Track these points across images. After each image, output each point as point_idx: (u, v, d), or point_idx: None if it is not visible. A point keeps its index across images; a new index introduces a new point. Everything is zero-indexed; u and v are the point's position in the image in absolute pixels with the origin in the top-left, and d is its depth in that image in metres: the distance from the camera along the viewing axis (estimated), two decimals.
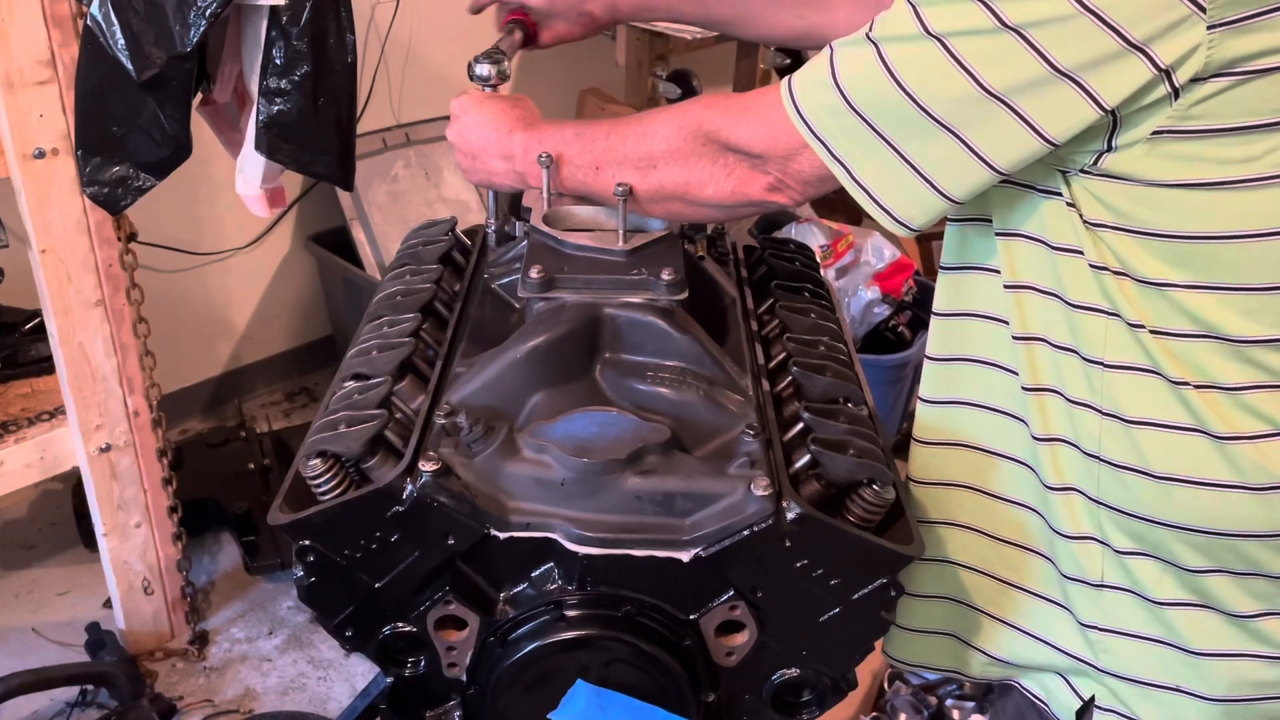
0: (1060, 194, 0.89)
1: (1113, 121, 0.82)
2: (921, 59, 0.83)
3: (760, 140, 0.93)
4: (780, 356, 1.07)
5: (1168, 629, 0.94)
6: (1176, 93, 0.79)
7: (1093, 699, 0.99)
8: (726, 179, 0.96)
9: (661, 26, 3.09)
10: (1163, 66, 0.78)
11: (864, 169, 0.88)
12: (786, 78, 0.91)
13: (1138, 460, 0.90)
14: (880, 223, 0.90)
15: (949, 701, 2.18)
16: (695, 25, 1.45)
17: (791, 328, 1.09)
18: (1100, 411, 0.90)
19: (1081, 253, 0.89)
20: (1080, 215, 0.88)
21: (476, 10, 1.41)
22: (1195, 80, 0.79)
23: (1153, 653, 0.95)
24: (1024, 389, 0.95)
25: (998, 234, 0.95)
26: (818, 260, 1.31)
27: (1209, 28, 0.76)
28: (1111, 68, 0.78)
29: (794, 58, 3.20)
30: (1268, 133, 0.80)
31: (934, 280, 1.05)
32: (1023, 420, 0.97)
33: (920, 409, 1.06)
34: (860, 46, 0.86)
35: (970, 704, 2.16)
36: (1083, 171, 0.86)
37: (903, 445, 1.10)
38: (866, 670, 2.14)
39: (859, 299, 2.69)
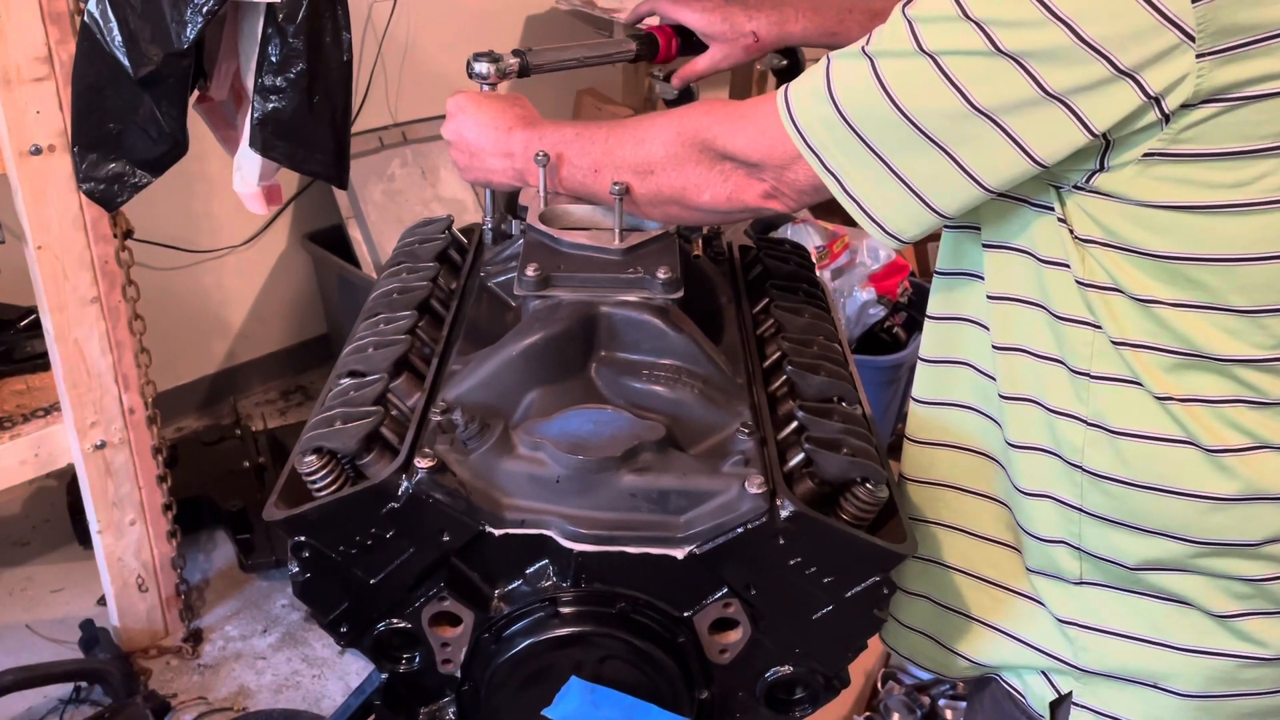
0: (1052, 209, 0.89)
1: (1105, 143, 0.83)
2: (914, 75, 0.83)
3: (756, 150, 0.93)
4: (775, 356, 1.07)
5: (1150, 626, 0.95)
6: (1167, 118, 0.80)
7: (1070, 694, 1.00)
8: (723, 185, 0.97)
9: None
10: (1152, 94, 0.78)
11: (855, 181, 0.88)
12: (783, 88, 0.92)
13: (1122, 470, 0.90)
14: (871, 234, 0.91)
15: (942, 702, 2.18)
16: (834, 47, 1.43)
17: (786, 327, 1.10)
18: (1085, 422, 0.91)
19: (1068, 267, 0.89)
20: (1071, 231, 0.88)
21: (635, 22, 1.39)
22: (1186, 106, 0.79)
23: (1133, 649, 0.96)
24: (1000, 396, 0.96)
25: (985, 245, 0.96)
26: (813, 260, 1.31)
27: (1198, 56, 0.77)
28: (1101, 93, 0.79)
29: (791, 60, 3.19)
30: (1258, 158, 0.81)
31: (929, 282, 1.05)
32: (997, 422, 0.99)
33: (912, 408, 1.07)
34: (856, 60, 0.87)
35: (963, 704, 2.17)
36: (1075, 188, 0.87)
37: (897, 445, 1.11)
38: (860, 670, 2.15)
39: (854, 300, 2.69)
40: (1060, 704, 1.01)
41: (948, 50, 0.82)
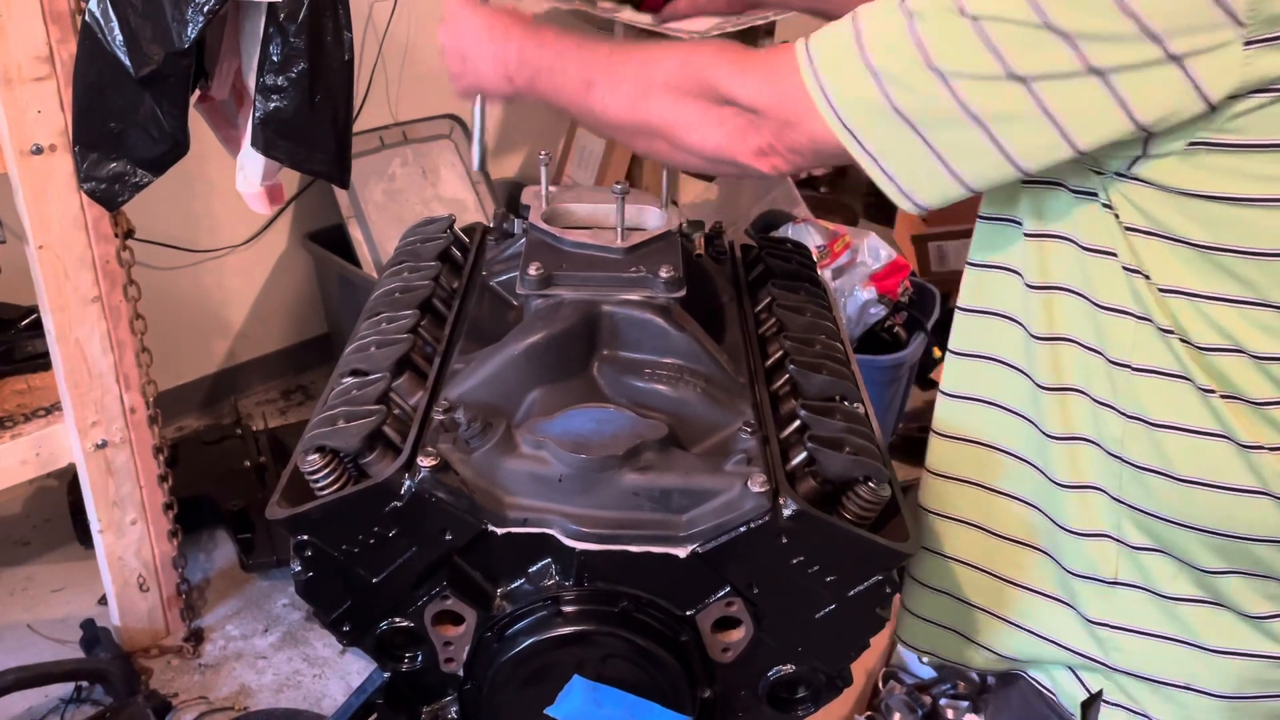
0: (1095, 195, 0.87)
1: (1147, 130, 0.80)
2: (954, 37, 0.79)
3: (764, 98, 0.89)
4: (777, 354, 1.07)
5: (1182, 627, 0.94)
6: (1213, 107, 0.78)
7: (1100, 692, 0.99)
8: (716, 129, 0.92)
9: (687, 25, 3.07)
10: (1199, 82, 0.76)
11: (880, 143, 0.85)
12: (803, 40, 0.87)
13: (1161, 462, 0.89)
14: (889, 196, 0.87)
15: (943, 701, 2.18)
16: (818, 13, 1.34)
17: (788, 326, 1.10)
18: (1123, 413, 0.90)
19: (1115, 255, 0.87)
20: (1117, 217, 0.86)
21: None
22: (1232, 97, 0.77)
23: (1165, 650, 0.95)
24: (1042, 388, 0.94)
25: (1028, 235, 0.93)
26: (814, 259, 1.31)
27: (1245, 44, 0.75)
28: (1147, 77, 0.77)
29: None
30: None
31: (930, 282, 1.05)
32: (1029, 419, 0.97)
33: (939, 401, 1.05)
34: (890, 16, 0.82)
35: (964, 704, 2.17)
36: (1117, 175, 0.85)
37: (899, 444, 1.10)
38: (861, 669, 2.14)
39: (855, 299, 2.69)
40: (1091, 703, 1.00)
41: (992, 16, 0.78)
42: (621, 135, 0.99)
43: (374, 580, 0.92)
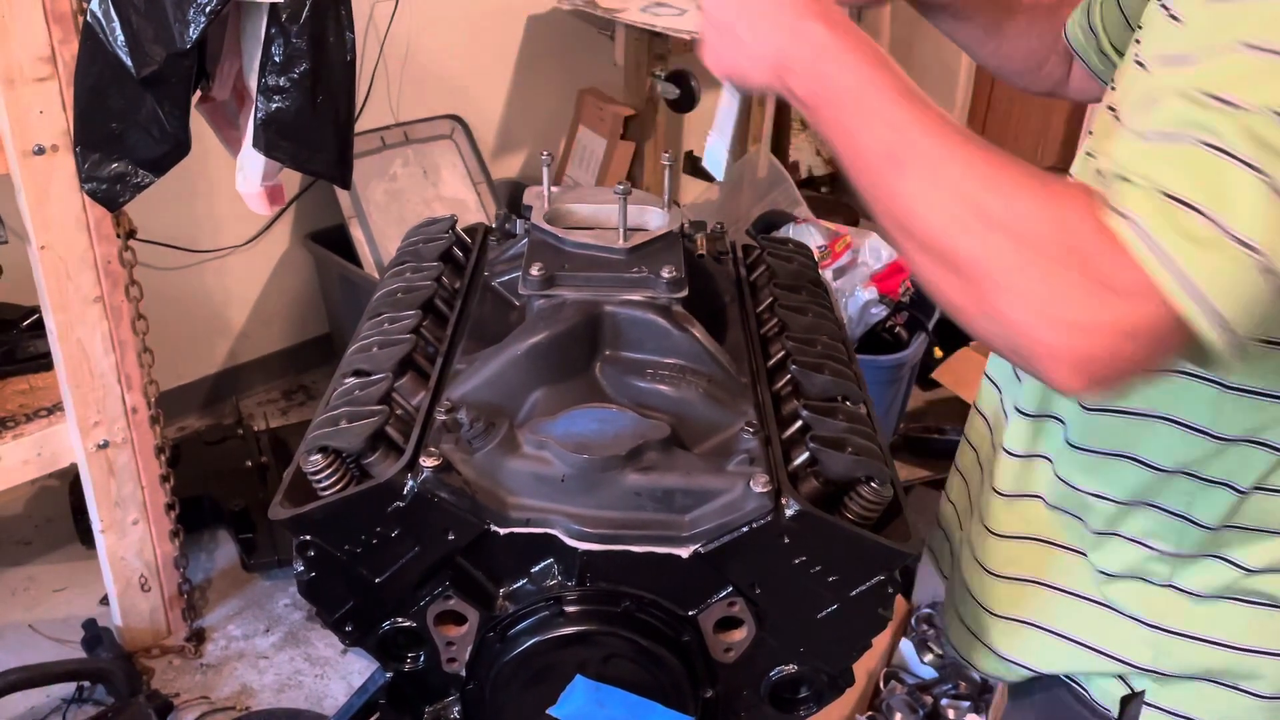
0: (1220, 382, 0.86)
1: None
2: None
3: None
4: (779, 355, 1.07)
5: (1238, 632, 0.94)
6: None
7: (1143, 691, 0.98)
8: (1047, 319, 0.65)
9: (665, 25, 3.09)
10: None
11: (1223, 292, 0.63)
12: (1129, 223, 0.64)
13: (1236, 518, 0.90)
14: (1204, 336, 0.65)
15: (944, 701, 2.18)
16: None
17: (790, 326, 1.10)
18: (1210, 435, 0.90)
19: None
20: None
21: None
22: None
23: (1218, 654, 0.95)
24: (1085, 409, 0.95)
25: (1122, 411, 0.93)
26: (816, 260, 1.31)
27: None
28: None
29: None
30: None
31: None
32: (1065, 480, 0.98)
33: (1013, 420, 1.04)
34: (1237, 168, 0.62)
35: (966, 704, 2.17)
36: None
37: (900, 444, 1.10)
38: (862, 669, 2.15)
39: (856, 299, 2.69)
40: (1131, 699, 0.99)
41: None
42: (902, 239, 0.73)
43: (376, 580, 0.92)
